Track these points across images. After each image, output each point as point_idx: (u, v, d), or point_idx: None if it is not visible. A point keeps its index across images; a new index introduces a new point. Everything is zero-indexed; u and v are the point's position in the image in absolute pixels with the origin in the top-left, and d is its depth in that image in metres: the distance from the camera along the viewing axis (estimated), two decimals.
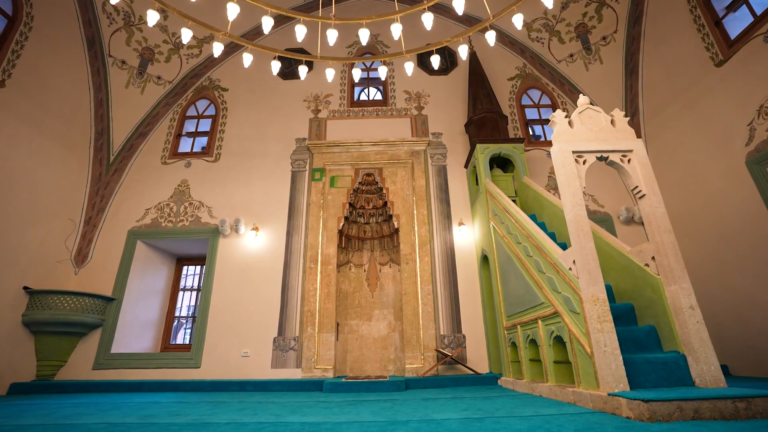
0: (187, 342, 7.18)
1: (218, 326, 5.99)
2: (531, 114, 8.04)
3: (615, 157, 3.34)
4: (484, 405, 3.10)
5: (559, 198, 4.50)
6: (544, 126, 7.91)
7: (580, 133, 3.43)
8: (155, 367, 5.79)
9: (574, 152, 3.34)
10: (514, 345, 4.78)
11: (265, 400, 4.00)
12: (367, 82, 8.37)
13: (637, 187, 3.26)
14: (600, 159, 3.37)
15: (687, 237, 5.76)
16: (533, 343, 4.16)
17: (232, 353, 5.82)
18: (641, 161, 3.31)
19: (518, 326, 4.49)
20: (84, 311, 5.72)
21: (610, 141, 3.38)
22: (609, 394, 2.48)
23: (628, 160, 3.34)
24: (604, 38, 7.57)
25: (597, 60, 7.71)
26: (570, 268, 3.19)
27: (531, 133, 7.88)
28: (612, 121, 3.51)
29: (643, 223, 6.76)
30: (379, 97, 8.37)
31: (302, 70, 4.96)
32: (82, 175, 6.67)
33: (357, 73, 5.05)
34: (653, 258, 3.15)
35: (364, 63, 8.48)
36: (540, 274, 3.85)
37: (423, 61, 8.34)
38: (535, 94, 8.22)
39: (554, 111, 8.05)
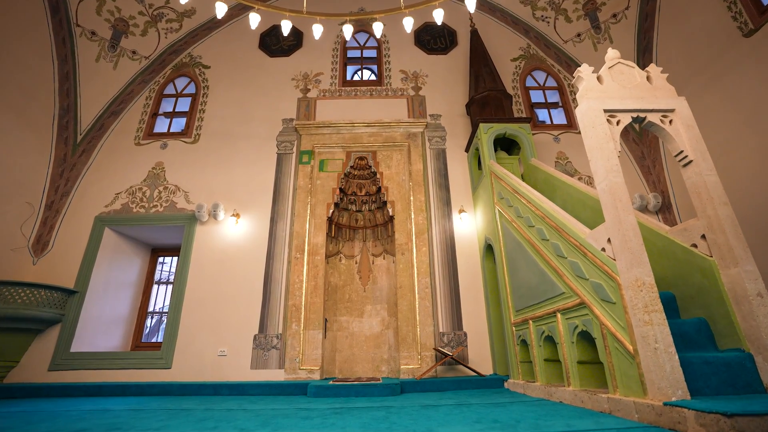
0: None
1: (192, 322, 5.37)
2: (536, 97, 7.51)
3: (654, 118, 2.80)
4: (499, 414, 2.54)
5: (581, 177, 3.95)
6: (551, 110, 7.39)
7: (612, 90, 2.88)
8: (120, 367, 5.16)
9: (605, 111, 2.78)
10: (524, 343, 4.23)
11: (237, 407, 3.40)
12: (360, 61, 7.78)
13: (682, 152, 2.72)
14: (636, 121, 2.83)
15: None
16: (549, 340, 3.61)
17: (208, 352, 5.20)
18: (685, 122, 2.77)
19: (530, 321, 3.94)
20: (40, 305, 5.07)
21: (648, 99, 2.83)
22: (665, 404, 1.92)
23: (670, 121, 2.80)
24: (614, 16, 7.06)
25: (607, 39, 7.20)
26: (603, 249, 2.64)
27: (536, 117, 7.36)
28: (648, 78, 2.97)
29: (658, 213, 6.26)
30: (373, 77, 7.79)
31: (285, 25, 4.34)
32: (44, 154, 6.01)
33: (348, 30, 4.38)
34: (703, 237, 2.61)
35: (357, 41, 7.89)
36: (560, 259, 3.30)
37: (420, 40, 7.78)
38: (540, 75, 7.69)
39: (560, 93, 7.57)
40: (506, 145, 6.17)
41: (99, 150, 6.58)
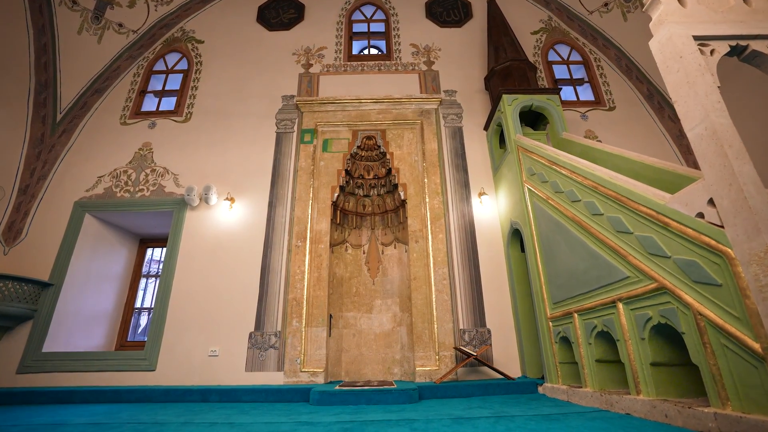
0: None
1: (180, 319, 4.76)
2: (559, 73, 6.84)
3: (759, 46, 2.15)
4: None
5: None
6: (576, 87, 6.72)
7: (699, 14, 2.24)
8: (98, 370, 4.56)
9: (695, 39, 2.14)
10: (564, 341, 3.58)
11: (223, 419, 2.78)
12: (367, 36, 7.15)
13: None
14: (734, 51, 2.18)
15: None
16: (603, 336, 2.96)
17: (197, 352, 4.59)
18: None
19: (574, 315, 3.29)
20: (7, 299, 4.48)
21: (749, 23, 2.18)
22: None
23: None
24: None
25: (638, 7, 6.54)
26: (699, 215, 1.99)
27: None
28: None
29: None
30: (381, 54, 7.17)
31: None
32: (17, 134, 5.43)
33: None
34: None
35: (363, 14, 7.26)
36: (622, 236, 2.66)
37: (432, 12, 7.14)
38: (564, 50, 7.03)
39: (586, 68, 6.91)
40: (530, 122, 5.52)
41: (81, 130, 5.99)
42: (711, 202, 1.91)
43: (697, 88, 1.99)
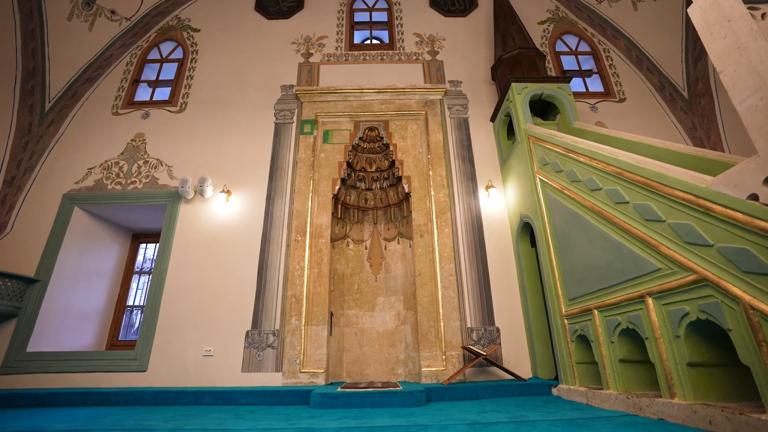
0: None
1: (173, 317, 4.52)
2: (567, 64, 6.63)
3: None
4: None
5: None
6: (585, 78, 6.51)
7: None
8: (86, 370, 4.31)
9: (744, 1, 1.92)
10: (582, 339, 3.37)
11: (216, 425, 2.55)
12: (369, 26, 6.92)
13: None
14: None
15: None
16: (629, 334, 2.75)
17: (190, 352, 4.35)
18: None
19: (594, 311, 3.07)
20: None
21: None
22: None
23: None
24: None
25: None
26: (752, 197, 1.77)
27: None
28: None
29: None
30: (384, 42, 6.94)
31: None
32: (3, 123, 5.17)
33: None
34: None
35: (365, 2, 7.03)
36: (652, 224, 2.44)
37: (436, 1, 6.92)
38: (572, 40, 6.82)
39: (595, 59, 6.70)
40: (540, 110, 5.31)
41: (71, 120, 5.74)
42: (767, 181, 1.69)
43: (749, 54, 1.77)
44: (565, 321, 3.58)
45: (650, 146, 3.35)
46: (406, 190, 5.20)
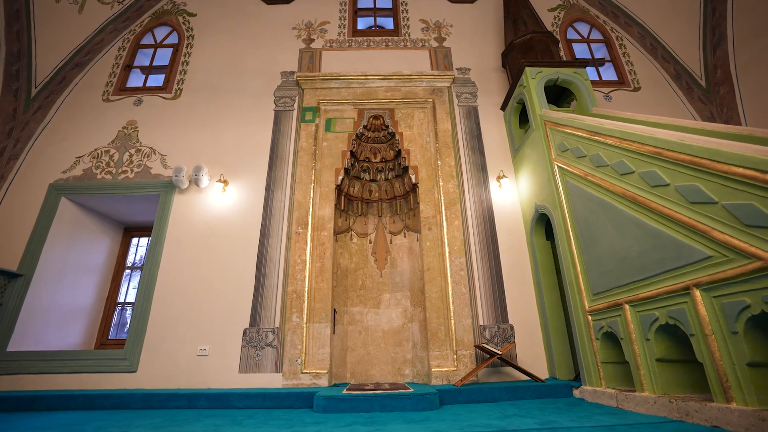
0: None
1: (166, 314, 4.23)
2: (579, 52, 6.37)
3: None
4: None
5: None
6: (599, 67, 6.25)
7: None
8: (72, 371, 4.01)
9: None
10: (609, 337, 3.10)
11: None
12: (373, 12, 6.64)
13: None
14: None
15: None
16: (667, 331, 2.48)
17: (184, 351, 4.06)
18: None
19: (625, 306, 2.81)
20: None
21: None
22: None
23: None
24: None
25: None
26: None
27: None
28: None
29: None
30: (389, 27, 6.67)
31: None
32: None
33: None
34: None
35: None
36: (701, 207, 2.17)
37: None
38: (583, 28, 6.57)
39: (608, 47, 6.45)
40: (554, 97, 5.05)
41: (59, 106, 5.44)
42: None
43: None
44: (589, 317, 3.32)
45: (683, 127, 3.09)
46: (413, 181, 4.93)
